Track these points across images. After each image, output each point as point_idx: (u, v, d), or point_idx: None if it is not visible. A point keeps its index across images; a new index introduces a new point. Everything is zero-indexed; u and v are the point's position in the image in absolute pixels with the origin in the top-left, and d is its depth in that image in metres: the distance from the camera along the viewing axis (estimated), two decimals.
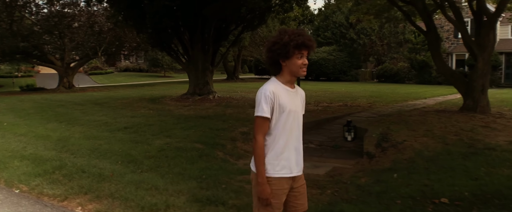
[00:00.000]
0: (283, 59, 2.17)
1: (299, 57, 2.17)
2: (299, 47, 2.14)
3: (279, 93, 2.16)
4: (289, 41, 2.12)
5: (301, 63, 2.18)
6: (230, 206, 3.79)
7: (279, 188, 2.16)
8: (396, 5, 9.79)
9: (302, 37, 2.16)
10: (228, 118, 8.37)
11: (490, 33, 8.17)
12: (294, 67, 2.17)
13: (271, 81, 2.22)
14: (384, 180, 4.27)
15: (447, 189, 3.81)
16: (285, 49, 2.13)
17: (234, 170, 5.28)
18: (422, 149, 5.29)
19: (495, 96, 15.72)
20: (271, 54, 2.20)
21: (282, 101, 2.15)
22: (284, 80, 2.22)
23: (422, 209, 3.42)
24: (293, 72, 2.19)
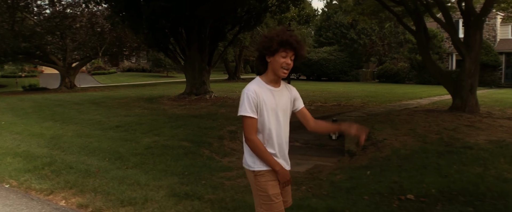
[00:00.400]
0: (269, 55, 2.18)
1: (283, 56, 2.16)
2: (283, 45, 2.14)
3: (261, 93, 2.18)
4: (275, 36, 2.17)
5: (284, 62, 2.16)
6: (205, 201, 3.94)
7: (271, 179, 2.22)
8: (386, 6, 9.89)
9: (289, 36, 2.18)
10: (219, 117, 8.54)
11: (477, 34, 8.26)
12: (276, 65, 2.17)
13: (254, 81, 2.25)
14: (357, 177, 4.41)
15: (416, 186, 3.94)
16: (270, 43, 2.16)
17: (217, 167, 5.44)
18: (400, 147, 5.42)
19: (491, 96, 15.78)
20: (259, 47, 2.25)
21: (265, 100, 2.18)
22: (267, 80, 2.23)
23: (387, 205, 3.55)
24: (275, 71, 2.19)
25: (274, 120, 2.23)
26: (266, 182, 2.22)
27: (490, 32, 27.51)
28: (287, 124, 2.30)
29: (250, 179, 2.33)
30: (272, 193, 2.21)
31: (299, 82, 29.14)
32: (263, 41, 2.21)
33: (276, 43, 2.15)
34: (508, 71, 26.81)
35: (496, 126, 7.02)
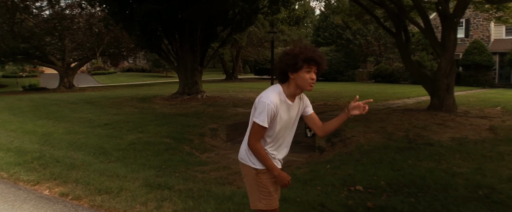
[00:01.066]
0: (292, 71, 2.21)
1: (307, 71, 2.19)
2: (308, 61, 2.17)
3: (280, 107, 2.25)
4: (299, 53, 2.18)
5: (309, 77, 2.20)
6: (175, 190, 4.31)
7: (270, 177, 2.36)
8: (366, 8, 10.24)
9: (313, 52, 2.20)
10: (204, 115, 8.92)
11: (450, 35, 8.60)
12: (302, 81, 2.21)
13: (276, 91, 2.27)
14: (317, 170, 4.77)
15: (367, 178, 4.29)
16: (294, 60, 2.18)
17: (194, 162, 5.81)
18: (365, 143, 5.78)
19: (479, 96, 16.07)
20: (281, 65, 2.25)
21: (281, 116, 2.27)
22: (288, 93, 2.27)
23: (336, 195, 3.91)
24: (300, 86, 2.23)
25: (283, 131, 2.36)
26: (268, 179, 2.36)
27: (484, 33, 27.77)
28: (293, 132, 2.43)
29: (249, 175, 2.40)
30: (272, 189, 2.37)
31: None
32: (286, 59, 2.22)
33: (301, 61, 2.17)
34: (502, 71, 27.03)
35: (466, 124, 7.36)
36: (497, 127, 6.89)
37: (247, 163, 2.38)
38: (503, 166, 4.60)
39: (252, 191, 2.42)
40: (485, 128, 6.86)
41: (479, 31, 27.64)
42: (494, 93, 17.80)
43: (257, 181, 2.37)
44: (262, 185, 2.36)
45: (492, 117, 8.36)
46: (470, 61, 25.53)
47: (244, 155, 2.40)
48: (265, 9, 15.37)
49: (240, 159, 2.45)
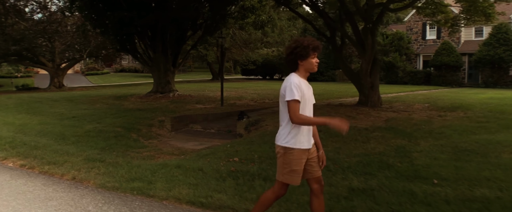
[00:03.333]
0: (301, 59, 2.77)
1: (313, 57, 2.79)
2: (315, 50, 2.76)
3: (301, 84, 2.74)
4: (308, 44, 2.74)
5: (315, 61, 2.81)
6: (106, 163, 5.69)
7: (300, 158, 2.78)
8: (299, 14, 11.64)
9: (316, 42, 2.79)
10: (160, 110, 10.34)
11: (368, 38, 10.00)
12: (310, 65, 2.79)
13: (294, 76, 2.79)
14: (218, 148, 6.19)
15: (247, 153, 5.69)
16: (305, 51, 2.74)
17: (136, 145, 7.21)
18: (272, 130, 7.19)
19: (431, 94, 17.40)
20: (293, 56, 2.79)
21: (304, 91, 2.74)
22: (301, 75, 2.81)
23: (216, 164, 5.28)
24: (309, 69, 2.81)
25: (308, 107, 2.81)
26: (292, 159, 2.77)
27: (455, 34, 29.13)
28: (312, 110, 2.90)
29: (279, 153, 2.84)
30: (294, 168, 2.79)
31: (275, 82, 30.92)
32: (298, 50, 2.75)
33: (310, 50, 2.75)
34: (471, 72, 28.39)
35: (373, 116, 8.78)
36: (393, 118, 8.30)
37: (279, 144, 2.84)
38: (360, 147, 5.99)
39: (279, 167, 2.88)
40: (383, 119, 8.27)
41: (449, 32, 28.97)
42: (451, 93, 19.08)
43: (283, 158, 2.82)
44: (285, 162, 2.81)
45: (407, 111, 9.76)
46: (439, 62, 26.94)
47: (278, 138, 2.87)
48: (236, 13, 16.84)
49: (275, 141, 2.91)
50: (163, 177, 4.75)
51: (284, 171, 2.82)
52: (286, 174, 2.82)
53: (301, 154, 2.79)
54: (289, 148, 2.76)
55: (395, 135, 6.44)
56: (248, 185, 4.31)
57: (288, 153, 2.78)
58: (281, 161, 2.84)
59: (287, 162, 2.80)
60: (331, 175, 4.62)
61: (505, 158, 5.24)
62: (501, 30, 24.93)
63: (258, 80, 33.57)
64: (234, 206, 3.78)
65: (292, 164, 2.78)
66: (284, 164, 2.81)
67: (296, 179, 2.83)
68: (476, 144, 5.89)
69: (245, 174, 4.67)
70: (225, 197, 4.00)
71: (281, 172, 2.85)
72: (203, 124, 8.96)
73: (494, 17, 11.57)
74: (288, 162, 2.79)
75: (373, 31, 10.29)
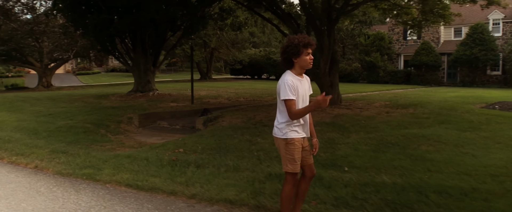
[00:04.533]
0: (295, 57, 2.89)
1: (307, 54, 2.90)
2: (306, 46, 2.86)
3: (295, 82, 2.91)
4: (299, 42, 2.84)
5: (309, 58, 2.93)
6: (68, 154, 6.31)
7: (298, 146, 3.00)
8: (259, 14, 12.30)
9: (307, 38, 2.90)
10: (132, 108, 10.97)
11: (325, 40, 10.68)
12: (304, 62, 2.91)
13: (288, 74, 2.94)
14: (170, 142, 6.85)
15: (194, 145, 6.34)
16: (296, 48, 2.85)
17: (102, 140, 7.83)
18: (225, 126, 7.86)
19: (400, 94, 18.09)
20: (286, 55, 2.92)
21: (298, 88, 2.92)
22: (296, 73, 2.95)
23: (162, 154, 5.91)
24: (303, 66, 2.94)
25: (301, 102, 2.98)
26: (293, 148, 2.97)
27: (434, 34, 29.98)
28: (307, 103, 3.05)
29: (281, 145, 3.04)
30: (296, 157, 2.99)
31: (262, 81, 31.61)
32: (289, 49, 2.88)
33: (301, 47, 2.86)
34: (450, 71, 29.23)
35: (327, 112, 9.41)
36: (342, 114, 8.99)
37: (279, 136, 3.02)
38: None
39: (283, 158, 3.06)
40: (332, 115, 8.95)
41: (429, 33, 29.84)
42: (424, 91, 19.79)
43: (285, 149, 3.00)
44: (288, 153, 2.99)
45: (362, 108, 10.44)
46: (418, 62, 27.73)
47: (276, 131, 3.05)
48: (216, 15, 17.50)
49: (274, 135, 3.09)
50: (112, 165, 5.40)
51: (289, 161, 3.01)
52: (289, 164, 3.00)
53: (299, 143, 2.99)
54: (289, 138, 2.97)
55: (332, 129, 7.13)
56: (181, 171, 4.97)
57: (289, 143, 2.98)
58: (284, 152, 3.02)
59: (289, 152, 2.99)
60: (258, 163, 5.29)
61: (421, 150, 5.93)
62: (477, 31, 25.75)
63: (245, 80, 34.25)
64: (163, 188, 4.43)
65: (294, 153, 2.98)
66: (287, 154, 3.00)
67: (297, 167, 3.03)
68: (402, 137, 6.58)
69: (183, 163, 5.33)
70: (158, 181, 4.66)
71: (286, 162, 3.03)
72: (170, 121, 9.60)
73: (449, 18, 12.30)
74: (291, 152, 2.98)
75: (330, 33, 10.93)
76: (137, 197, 4.27)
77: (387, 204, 3.83)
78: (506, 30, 27.31)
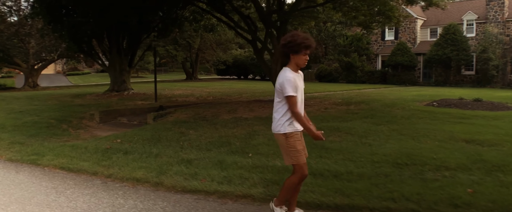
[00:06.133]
0: (293, 54, 3.02)
1: (304, 54, 3.03)
2: (306, 48, 3.01)
3: (295, 78, 3.05)
4: (301, 42, 2.98)
5: (305, 58, 3.06)
6: (24, 145, 7.13)
7: (300, 139, 3.17)
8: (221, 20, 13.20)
9: (309, 41, 3.02)
10: (99, 105, 11.85)
11: (274, 41, 11.59)
12: (300, 61, 3.05)
13: (287, 70, 3.07)
14: (118, 134, 7.74)
15: (132, 136, 7.19)
16: (297, 47, 2.98)
17: (62, 134, 8.67)
18: (172, 120, 8.75)
19: (365, 93, 19.01)
20: (286, 49, 3.04)
21: (297, 83, 3.07)
22: (293, 69, 3.08)
23: (102, 144, 6.75)
24: (299, 64, 3.08)
25: (300, 97, 3.16)
26: (294, 141, 3.12)
27: (410, 35, 30.93)
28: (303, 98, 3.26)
29: (281, 140, 3.17)
30: (299, 148, 3.14)
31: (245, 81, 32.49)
32: (291, 45, 3.01)
33: (302, 47, 2.99)
34: (426, 71, 30.17)
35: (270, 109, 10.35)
36: None
37: (279, 132, 3.16)
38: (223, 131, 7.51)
39: (285, 152, 3.18)
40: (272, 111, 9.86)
41: (406, 33, 30.80)
42: (391, 90, 20.66)
43: (286, 143, 3.13)
44: (290, 146, 3.12)
45: (311, 105, 11.34)
46: (393, 62, 28.68)
47: (274, 127, 3.20)
48: (191, 17, 18.37)
49: (273, 131, 3.22)
50: (55, 152, 6.27)
51: (292, 154, 3.13)
52: (294, 156, 3.13)
53: (298, 136, 3.16)
54: (289, 132, 3.13)
55: (261, 123, 8.02)
56: (109, 157, 5.86)
57: (289, 137, 3.12)
58: (286, 146, 3.14)
59: (291, 145, 3.12)
60: (179, 151, 6.17)
61: (326, 140, 6.79)
62: (449, 31, 26.69)
63: (229, 80, 35.12)
64: (88, 169, 5.31)
65: (296, 145, 3.13)
66: (290, 148, 3.13)
67: (302, 158, 3.16)
68: (318, 129, 7.47)
69: (114, 150, 6.22)
70: (87, 164, 5.54)
71: (289, 156, 3.15)
72: (130, 117, 10.47)
73: (397, 19, 13.18)
74: (293, 145, 3.12)
75: (279, 35, 11.81)
76: (64, 176, 5.16)
77: (263, 181, 4.71)
78: (479, 30, 28.26)
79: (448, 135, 7.11)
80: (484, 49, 25.93)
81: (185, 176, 4.89)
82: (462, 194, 4.15)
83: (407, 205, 3.95)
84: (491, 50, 25.85)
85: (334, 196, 4.21)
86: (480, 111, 10.46)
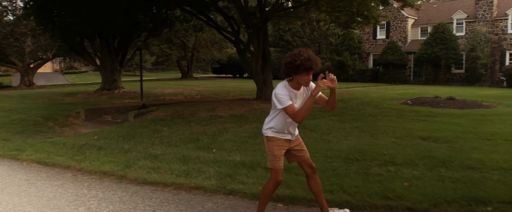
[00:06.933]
0: (294, 74, 2.99)
1: (306, 75, 2.97)
2: (307, 70, 2.94)
3: (289, 93, 3.02)
4: (300, 65, 2.91)
5: (307, 79, 3.00)
6: (8, 141, 7.62)
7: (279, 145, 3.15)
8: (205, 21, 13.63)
9: (311, 62, 2.93)
10: (88, 104, 12.32)
11: (254, 41, 12.02)
12: (302, 81, 3.02)
13: (282, 85, 3.07)
14: (97, 131, 8.21)
15: (109, 133, 7.67)
16: (297, 69, 2.94)
17: (47, 131, 9.14)
18: (151, 118, 9.22)
19: (351, 91, 19.45)
20: (286, 70, 3.02)
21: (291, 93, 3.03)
22: (292, 85, 3.06)
23: (80, 140, 7.27)
24: (300, 83, 3.05)
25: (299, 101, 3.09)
26: (273, 145, 3.15)
27: (401, 34, 31.31)
28: None
29: (265, 142, 3.25)
30: (276, 154, 3.15)
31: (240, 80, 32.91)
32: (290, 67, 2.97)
33: (302, 69, 2.93)
34: (416, 70, 30.56)
35: (248, 107, 10.71)
36: (258, 109, 10.33)
37: (264, 134, 3.24)
38: (196, 128, 7.99)
39: (268, 155, 3.25)
40: (248, 109, 10.29)
41: (397, 32, 31.19)
42: (377, 89, 21.06)
43: (266, 146, 3.22)
44: (269, 150, 3.19)
45: None
46: (384, 61, 29.08)
47: (263, 129, 3.27)
48: (181, 17, 18.80)
49: (263, 133, 3.27)
50: (35, 148, 6.74)
51: (270, 158, 3.20)
52: (271, 160, 3.19)
53: (280, 142, 3.16)
54: (269, 136, 3.19)
55: (234, 120, 8.48)
56: (82, 152, 6.32)
57: (270, 140, 3.19)
58: (267, 149, 3.24)
59: (270, 149, 3.19)
60: (149, 147, 6.62)
61: None
62: (438, 30, 27.08)
63: (224, 79, 35.58)
64: (62, 163, 5.77)
65: (274, 150, 3.16)
66: (268, 151, 3.21)
67: (279, 163, 3.19)
68: None
69: (89, 146, 6.68)
70: (61, 159, 6.01)
71: (268, 159, 3.23)
72: (114, 115, 10.94)
73: (373, 20, 13.58)
74: (271, 149, 3.18)
75: (258, 35, 12.22)
76: (39, 169, 5.63)
77: (218, 174, 5.14)
78: (469, 29, 28.63)
79: (406, 132, 7.55)
80: (472, 48, 26.32)
81: (148, 170, 5.34)
82: (397, 187, 4.47)
83: (342, 197, 4.28)
84: (480, 49, 26.24)
85: (278, 188, 4.64)
86: (450, 109, 10.89)
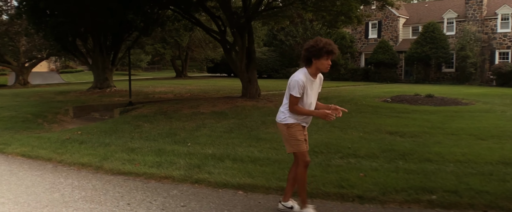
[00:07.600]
0: (315, 58, 3.16)
1: (326, 59, 3.16)
2: (328, 53, 3.13)
3: (307, 83, 3.22)
4: (323, 47, 3.10)
5: (327, 63, 3.19)
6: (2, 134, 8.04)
7: (300, 129, 3.36)
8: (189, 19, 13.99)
9: (332, 46, 3.13)
10: (78, 102, 12.68)
11: (239, 41, 12.39)
12: (322, 65, 3.19)
13: (302, 72, 3.24)
14: (82, 127, 8.58)
15: (93, 129, 8.07)
16: (319, 53, 3.11)
17: (36, 127, 9.47)
18: (135, 114, 9.59)
19: (340, 90, 19.85)
20: (307, 53, 3.18)
21: (307, 88, 3.25)
22: (311, 72, 3.23)
23: (65, 135, 7.67)
24: (320, 69, 3.22)
25: (311, 99, 3.34)
26: (295, 131, 3.32)
27: (393, 33, 31.70)
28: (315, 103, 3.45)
29: (283, 130, 3.39)
30: (299, 138, 3.34)
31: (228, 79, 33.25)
32: (312, 50, 3.15)
33: (324, 52, 3.12)
34: (407, 69, 30.97)
35: (232, 104, 11.07)
36: (241, 106, 10.71)
37: (281, 122, 3.39)
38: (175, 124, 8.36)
39: (286, 141, 3.41)
40: (231, 106, 10.66)
41: (389, 32, 31.58)
42: (367, 87, 21.51)
43: (288, 133, 3.35)
44: (291, 136, 3.34)
45: (272, 101, 12.17)
46: (375, 60, 29.49)
47: (279, 117, 3.42)
48: (172, 17, 19.14)
49: (277, 121, 3.46)
50: (21, 142, 7.11)
51: (293, 143, 3.36)
52: (294, 144, 3.35)
53: (299, 127, 3.36)
54: (289, 123, 3.35)
55: (214, 117, 8.86)
56: (65, 146, 6.69)
57: (290, 127, 3.34)
58: (287, 135, 3.38)
59: (292, 135, 3.35)
60: (128, 141, 7.00)
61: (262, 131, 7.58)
62: (428, 29, 27.47)
63: (218, 78, 35.93)
64: (44, 156, 6.14)
65: (297, 135, 3.34)
66: (290, 137, 3.36)
67: (303, 146, 3.37)
68: (260, 122, 8.23)
69: (72, 141, 7.06)
70: (44, 152, 6.38)
71: (290, 144, 3.38)
72: (102, 112, 11.31)
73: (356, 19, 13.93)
74: (293, 134, 3.35)
75: (242, 34, 12.56)
76: (23, 161, 6.01)
77: (187, 165, 5.51)
78: (459, 29, 29.03)
79: (376, 127, 7.94)
80: (462, 47, 26.72)
81: (123, 161, 5.71)
82: (352, 177, 4.79)
83: None
84: (469, 48, 26.64)
85: (241, 177, 4.98)
86: (426, 106, 11.30)
